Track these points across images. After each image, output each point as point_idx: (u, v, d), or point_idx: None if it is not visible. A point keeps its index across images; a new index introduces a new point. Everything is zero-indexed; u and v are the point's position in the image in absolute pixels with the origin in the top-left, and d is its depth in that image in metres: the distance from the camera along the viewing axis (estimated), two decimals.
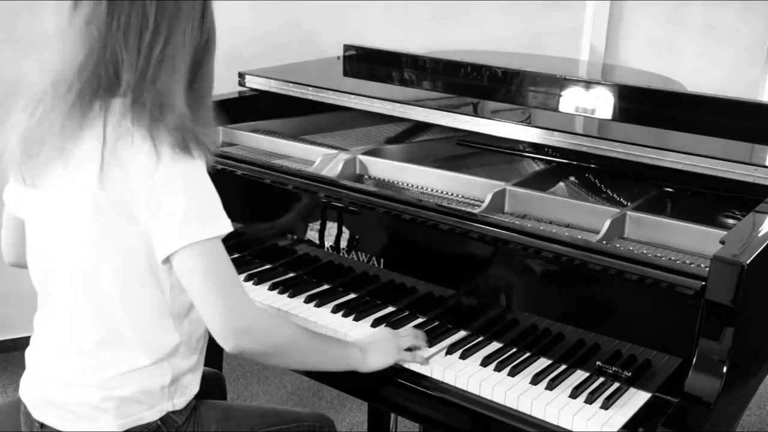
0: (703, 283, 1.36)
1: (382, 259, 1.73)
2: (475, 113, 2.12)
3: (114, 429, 1.37)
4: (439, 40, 3.44)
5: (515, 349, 1.58)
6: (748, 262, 1.32)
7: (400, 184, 1.94)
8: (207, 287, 1.29)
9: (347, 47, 2.73)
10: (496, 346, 1.60)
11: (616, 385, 1.48)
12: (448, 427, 1.53)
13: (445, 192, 1.88)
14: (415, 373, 1.54)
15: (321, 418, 1.62)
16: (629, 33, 4.08)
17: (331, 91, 2.20)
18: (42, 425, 1.41)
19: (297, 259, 1.87)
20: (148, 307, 1.36)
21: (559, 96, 2.31)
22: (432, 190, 1.90)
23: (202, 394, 1.48)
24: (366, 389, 1.64)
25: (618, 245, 1.60)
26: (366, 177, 1.98)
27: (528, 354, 1.57)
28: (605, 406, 1.42)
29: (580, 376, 1.51)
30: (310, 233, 1.83)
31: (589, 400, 1.43)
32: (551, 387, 1.47)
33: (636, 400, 1.45)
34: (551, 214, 1.74)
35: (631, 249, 1.57)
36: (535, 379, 1.49)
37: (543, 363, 1.55)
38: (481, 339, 1.62)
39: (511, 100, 2.33)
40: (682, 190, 1.87)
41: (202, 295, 1.30)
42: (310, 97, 2.23)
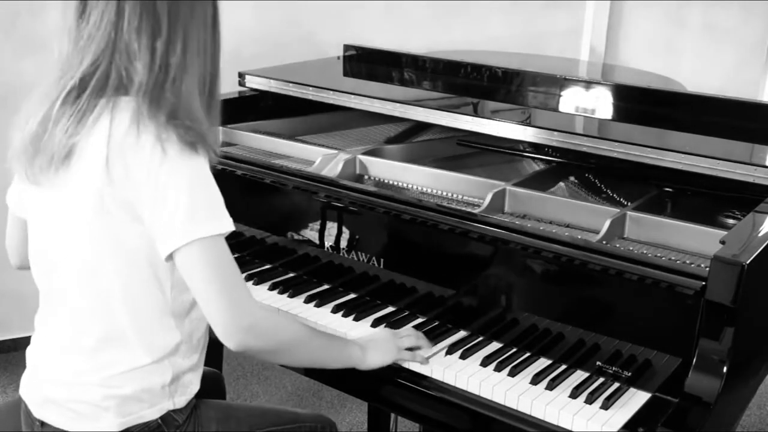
0: (703, 283, 1.36)
1: (382, 259, 1.73)
2: (475, 113, 2.12)
3: (114, 428, 1.37)
4: (439, 40, 3.44)
5: (515, 349, 1.58)
6: (748, 262, 1.32)
7: (400, 184, 1.94)
8: (210, 284, 1.29)
9: (347, 47, 2.73)
10: (496, 346, 1.60)
11: (616, 385, 1.48)
12: (448, 427, 1.53)
13: (445, 192, 1.88)
14: (415, 373, 1.54)
15: (322, 419, 1.62)
16: (629, 33, 4.08)
17: (331, 91, 2.20)
18: (42, 424, 1.41)
19: (297, 259, 1.87)
20: (149, 306, 1.36)
21: (559, 96, 2.31)
22: (432, 190, 1.90)
23: (200, 393, 1.48)
24: (366, 389, 1.64)
25: (618, 245, 1.60)
26: (366, 177, 1.98)
27: (528, 354, 1.57)
28: (605, 406, 1.42)
29: (580, 376, 1.51)
30: (310, 233, 1.83)
31: (589, 400, 1.43)
32: (551, 387, 1.47)
33: (636, 400, 1.45)
34: (551, 214, 1.74)
35: (631, 249, 1.57)
36: (535, 379, 1.49)
37: (543, 363, 1.55)
38: (481, 339, 1.62)
39: (511, 100, 2.33)
40: (682, 190, 1.87)
41: (204, 292, 1.29)
42: (310, 97, 2.23)
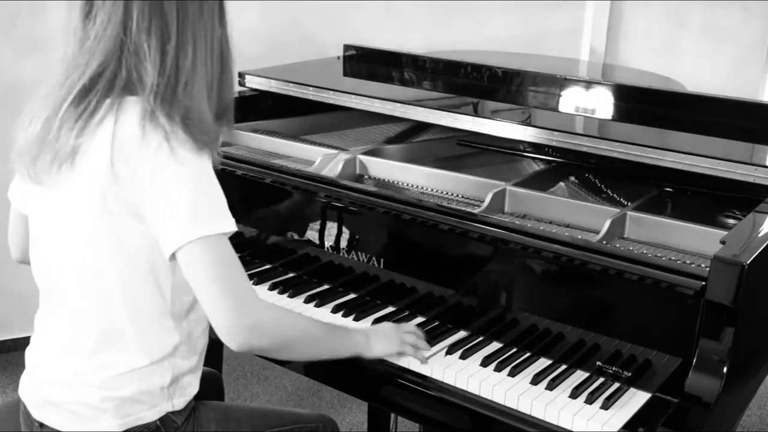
0: (704, 283, 1.36)
1: (382, 259, 1.73)
2: (475, 113, 2.12)
3: (114, 429, 1.36)
4: (439, 40, 3.44)
5: (515, 349, 1.58)
6: (749, 262, 1.32)
7: (400, 184, 1.94)
8: (212, 284, 1.27)
9: (347, 47, 2.73)
10: (496, 346, 1.60)
11: (616, 385, 1.48)
12: (448, 427, 1.53)
13: (445, 192, 1.88)
14: (415, 373, 1.54)
15: (323, 419, 1.61)
16: (629, 33, 4.08)
17: (331, 91, 2.20)
18: (42, 425, 1.41)
19: (297, 259, 1.87)
20: (149, 307, 1.36)
21: (559, 96, 2.31)
22: (432, 190, 1.90)
23: (199, 394, 1.48)
24: (366, 389, 1.64)
25: (618, 245, 1.60)
26: (366, 177, 1.98)
27: (528, 354, 1.57)
28: (605, 406, 1.42)
29: (580, 376, 1.51)
30: (310, 233, 1.83)
31: (589, 401, 1.43)
32: (551, 387, 1.47)
33: (636, 400, 1.45)
34: (551, 214, 1.74)
35: (631, 249, 1.57)
36: (535, 380, 1.49)
37: (543, 363, 1.55)
38: (481, 339, 1.62)
39: (511, 100, 2.33)
40: (682, 190, 1.87)
41: (207, 292, 1.28)
42: (310, 97, 2.23)
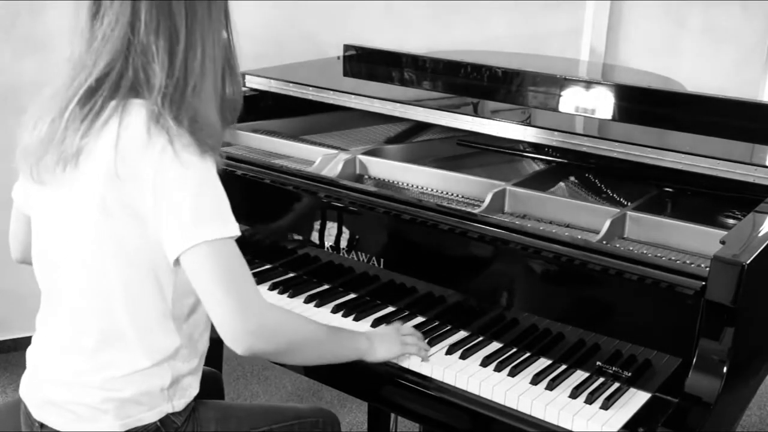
0: (703, 283, 1.36)
1: (382, 259, 1.73)
2: (475, 113, 2.12)
3: (114, 429, 1.36)
4: (439, 40, 3.44)
5: (515, 349, 1.58)
6: (749, 262, 1.32)
7: (400, 184, 1.94)
8: (216, 288, 1.26)
9: (347, 47, 2.73)
10: (496, 346, 1.60)
11: (616, 385, 1.48)
12: (448, 427, 1.53)
13: (445, 192, 1.88)
14: (415, 373, 1.54)
15: (323, 413, 1.61)
16: (629, 33, 4.08)
17: (331, 91, 2.20)
18: (42, 425, 1.41)
19: (297, 259, 1.87)
20: (150, 308, 1.35)
21: (559, 96, 2.31)
22: (432, 190, 1.90)
23: (199, 393, 1.48)
24: (366, 389, 1.64)
25: (618, 245, 1.60)
26: (366, 177, 1.98)
27: (528, 354, 1.57)
28: (605, 407, 1.42)
29: (580, 376, 1.51)
30: (310, 233, 1.83)
31: (589, 401, 1.43)
32: (551, 387, 1.47)
33: (636, 400, 1.45)
34: (551, 214, 1.74)
35: (631, 249, 1.57)
36: (535, 380, 1.49)
37: (543, 363, 1.55)
38: (481, 339, 1.62)
39: (511, 100, 2.33)
40: (682, 190, 1.87)
41: (211, 295, 1.27)
42: (310, 97, 2.23)
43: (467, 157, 2.14)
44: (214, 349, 1.44)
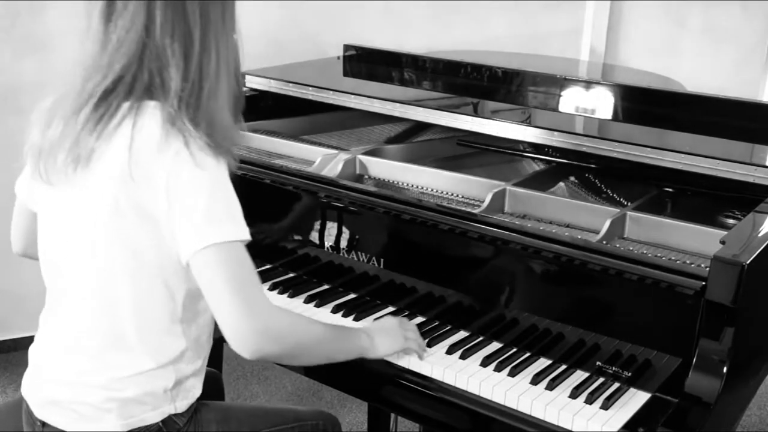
0: (703, 283, 1.36)
1: (382, 259, 1.73)
2: (475, 113, 2.12)
3: (117, 429, 1.36)
4: (439, 40, 3.44)
5: (515, 349, 1.58)
6: (749, 262, 1.32)
7: (400, 184, 1.94)
8: (223, 290, 1.26)
9: (347, 47, 2.73)
10: (496, 346, 1.60)
11: (616, 385, 1.48)
12: (448, 427, 1.53)
13: (445, 192, 1.88)
14: (415, 373, 1.54)
15: (324, 416, 1.61)
16: (629, 33, 4.08)
17: (331, 91, 2.20)
18: (44, 424, 1.40)
19: (297, 259, 1.87)
20: (158, 312, 1.35)
21: (559, 96, 2.31)
22: (432, 190, 1.90)
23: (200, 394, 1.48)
24: (366, 389, 1.64)
25: (618, 245, 1.60)
26: (366, 177, 1.98)
27: (528, 354, 1.57)
28: (605, 407, 1.42)
29: (580, 376, 1.51)
30: (310, 233, 1.83)
31: (589, 401, 1.43)
32: (551, 387, 1.47)
33: (636, 400, 1.45)
34: (551, 214, 1.74)
35: (631, 249, 1.57)
36: (535, 380, 1.49)
37: (543, 363, 1.55)
38: (481, 339, 1.62)
39: (511, 100, 2.34)
40: (682, 190, 1.87)
41: (218, 298, 1.26)
42: (310, 97, 2.23)
43: (467, 157, 2.13)
44: (215, 348, 1.44)
